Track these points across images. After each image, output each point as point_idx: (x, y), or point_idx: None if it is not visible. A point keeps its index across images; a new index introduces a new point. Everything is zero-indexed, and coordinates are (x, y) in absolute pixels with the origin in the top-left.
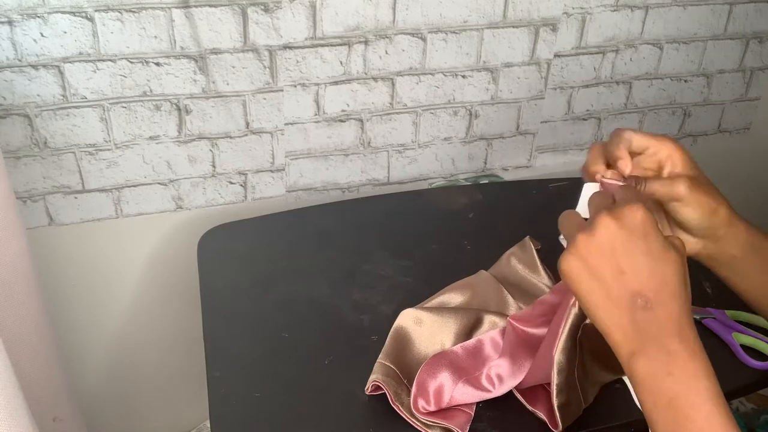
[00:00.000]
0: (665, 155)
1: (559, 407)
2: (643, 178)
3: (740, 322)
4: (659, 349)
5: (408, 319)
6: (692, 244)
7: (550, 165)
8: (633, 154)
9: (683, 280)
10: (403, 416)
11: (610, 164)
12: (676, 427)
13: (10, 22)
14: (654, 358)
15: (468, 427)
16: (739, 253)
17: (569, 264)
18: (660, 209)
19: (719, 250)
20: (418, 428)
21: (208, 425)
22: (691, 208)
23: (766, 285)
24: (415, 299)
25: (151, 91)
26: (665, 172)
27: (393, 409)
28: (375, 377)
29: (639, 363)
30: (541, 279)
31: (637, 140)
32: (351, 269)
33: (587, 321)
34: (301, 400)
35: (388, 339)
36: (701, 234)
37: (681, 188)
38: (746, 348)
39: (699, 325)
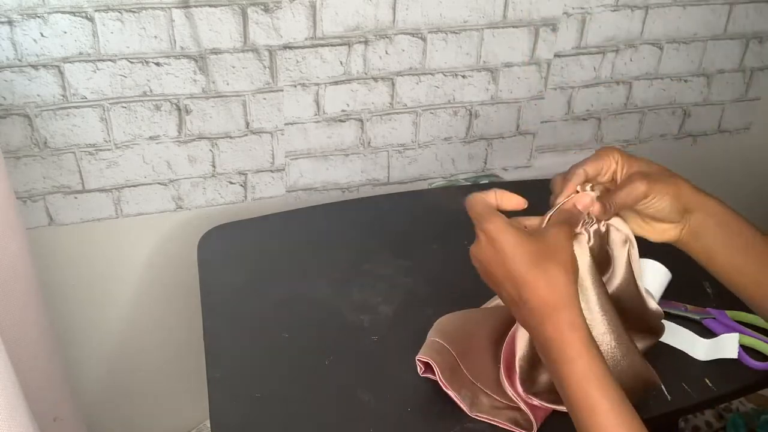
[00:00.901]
0: (613, 166)
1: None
2: (607, 198)
3: (740, 323)
4: (539, 337)
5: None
6: (672, 230)
7: (550, 165)
8: (593, 180)
9: (540, 263)
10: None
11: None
12: (567, 403)
13: (10, 22)
14: (539, 345)
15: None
16: (713, 223)
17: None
18: (633, 214)
19: (696, 225)
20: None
21: (208, 425)
22: (657, 199)
23: (734, 258)
24: (415, 299)
25: (151, 91)
26: (619, 179)
27: (393, 409)
28: (425, 353)
29: (540, 354)
30: None
31: (589, 169)
32: (351, 269)
33: None
34: (301, 400)
35: (435, 325)
36: (676, 217)
37: (639, 187)
38: (746, 348)
39: (699, 325)
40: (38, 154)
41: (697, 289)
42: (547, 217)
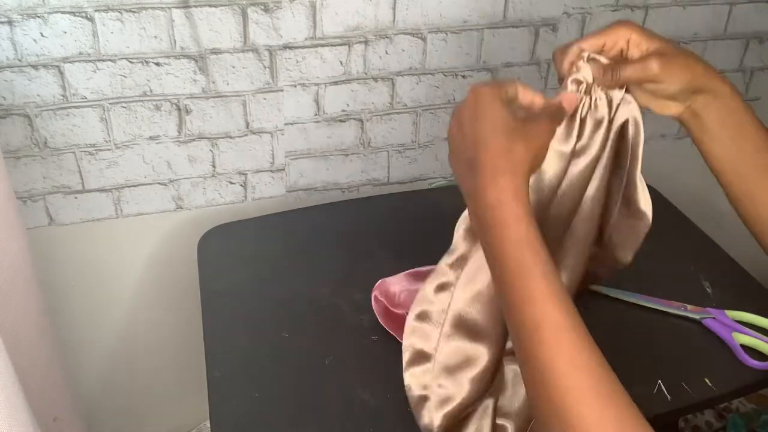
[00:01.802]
0: (624, 42)
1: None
2: (614, 66)
3: (740, 322)
4: (479, 204)
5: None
6: (675, 107)
7: None
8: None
9: (507, 137)
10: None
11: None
12: (496, 272)
13: (10, 22)
14: (478, 214)
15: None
16: (717, 106)
17: (449, 144)
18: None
19: (700, 105)
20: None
21: (208, 425)
22: (668, 83)
23: (735, 153)
24: None
25: (151, 91)
26: (631, 56)
27: (393, 409)
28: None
29: (474, 221)
30: None
31: (588, 46)
32: (351, 269)
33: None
34: (301, 400)
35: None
36: (683, 98)
37: (653, 67)
38: (746, 348)
39: (699, 325)
40: (38, 154)
41: (697, 289)
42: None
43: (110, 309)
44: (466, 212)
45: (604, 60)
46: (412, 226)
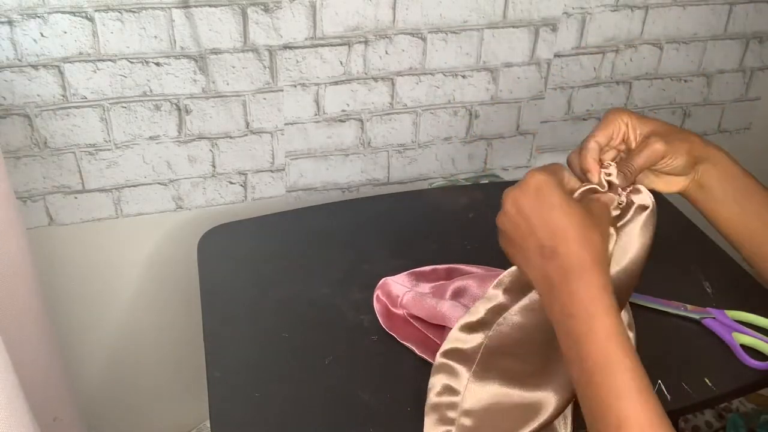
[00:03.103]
0: (623, 128)
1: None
2: (625, 162)
3: (740, 322)
4: (562, 294)
5: None
6: (680, 182)
7: None
8: (604, 149)
9: (584, 225)
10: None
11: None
12: (581, 364)
13: (10, 22)
14: (559, 304)
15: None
16: (717, 173)
17: (501, 242)
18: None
19: (702, 175)
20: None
21: (208, 425)
22: (673, 158)
23: (741, 215)
24: None
25: (151, 91)
26: (633, 140)
27: (393, 409)
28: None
29: (551, 308)
30: None
31: (601, 138)
32: (351, 269)
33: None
34: (301, 400)
35: None
36: (687, 171)
37: (658, 149)
38: (746, 348)
39: (699, 325)
40: (38, 154)
41: (697, 289)
42: (579, 191)
43: (110, 309)
44: (514, 269)
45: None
46: (412, 226)
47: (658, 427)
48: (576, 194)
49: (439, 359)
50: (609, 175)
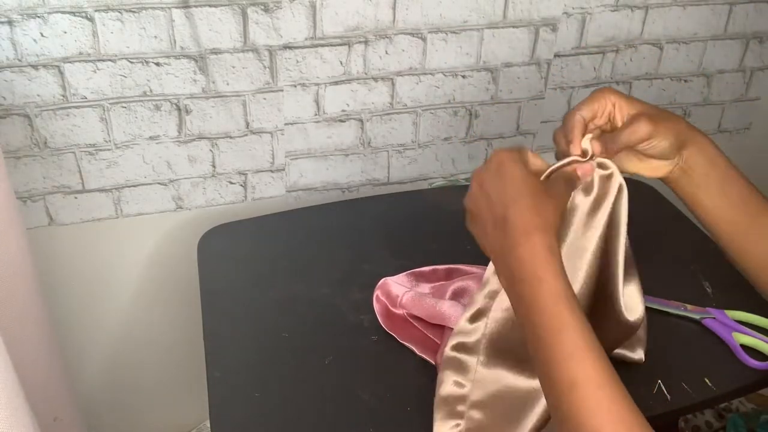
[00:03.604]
0: (611, 105)
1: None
2: (610, 136)
3: (740, 322)
4: (511, 258)
5: None
6: (664, 167)
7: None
8: (589, 126)
9: (536, 195)
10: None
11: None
12: (533, 328)
13: (10, 22)
14: (510, 268)
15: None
16: (703, 160)
17: (467, 223)
18: (628, 151)
19: (686, 160)
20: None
21: (208, 425)
22: (658, 139)
23: (723, 203)
24: None
25: (151, 91)
26: (619, 120)
27: (393, 409)
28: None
29: (503, 275)
30: None
31: (586, 112)
32: (351, 269)
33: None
34: (301, 400)
35: None
36: (672, 155)
37: (643, 128)
38: (746, 348)
39: (699, 325)
40: (38, 154)
41: (697, 289)
42: (548, 170)
43: (110, 309)
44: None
45: (593, 163)
46: (412, 226)
47: (608, 385)
48: (549, 170)
49: (447, 353)
50: (585, 143)
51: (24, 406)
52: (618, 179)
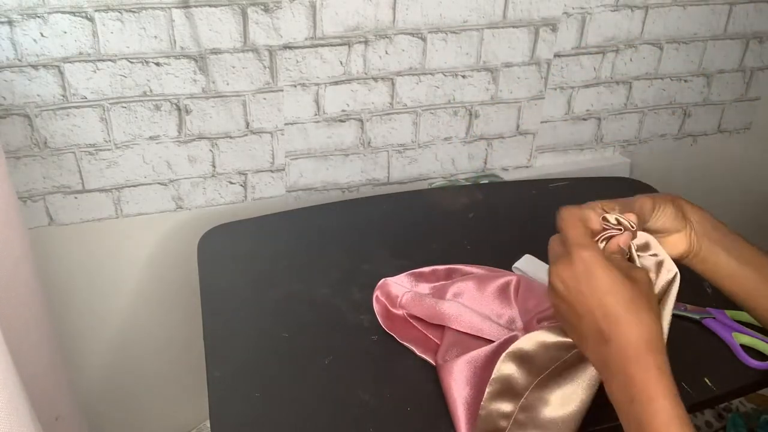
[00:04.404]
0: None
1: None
2: (623, 217)
3: (740, 322)
4: (620, 378)
5: None
6: (681, 240)
7: (550, 165)
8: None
9: (637, 306)
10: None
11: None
12: None
13: (10, 22)
14: (618, 388)
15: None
16: (711, 227)
17: (554, 306)
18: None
19: (699, 230)
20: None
21: (208, 425)
22: (662, 208)
23: (738, 268)
24: None
25: (151, 91)
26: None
27: (393, 409)
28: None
29: (611, 392)
30: None
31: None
32: (351, 269)
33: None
34: (301, 400)
35: None
36: (681, 224)
37: (646, 202)
38: (746, 348)
39: (699, 325)
40: (38, 154)
41: (697, 289)
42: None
43: (110, 309)
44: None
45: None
46: (412, 226)
47: None
48: (598, 238)
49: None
50: (611, 217)
51: (25, 405)
52: (668, 266)
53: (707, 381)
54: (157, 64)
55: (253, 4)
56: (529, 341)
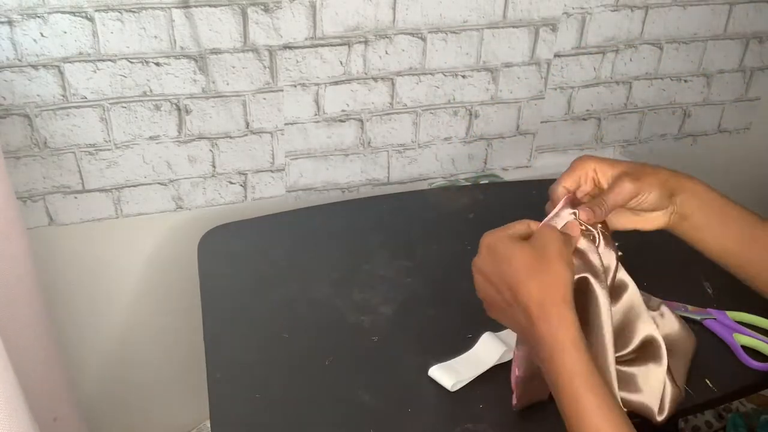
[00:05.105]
0: (590, 173)
1: (518, 381)
2: (598, 203)
3: (741, 323)
4: (533, 338)
5: None
6: (662, 216)
7: (550, 165)
8: (576, 192)
9: (534, 269)
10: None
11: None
12: (559, 401)
13: (10, 22)
14: (534, 348)
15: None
16: (697, 201)
17: (485, 305)
18: (623, 210)
19: (682, 205)
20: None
21: (208, 425)
22: (646, 193)
23: (725, 238)
24: (415, 300)
25: (151, 91)
26: (604, 183)
27: (393, 409)
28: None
29: (533, 353)
30: None
31: (567, 183)
32: (351, 269)
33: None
34: (301, 401)
35: None
36: (665, 203)
37: (627, 187)
38: (747, 349)
39: (700, 325)
40: (38, 154)
41: (697, 290)
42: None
43: (110, 309)
44: None
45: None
46: (412, 226)
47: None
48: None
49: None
50: (572, 213)
51: (23, 406)
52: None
53: (708, 382)
54: (157, 64)
55: (253, 4)
56: None
